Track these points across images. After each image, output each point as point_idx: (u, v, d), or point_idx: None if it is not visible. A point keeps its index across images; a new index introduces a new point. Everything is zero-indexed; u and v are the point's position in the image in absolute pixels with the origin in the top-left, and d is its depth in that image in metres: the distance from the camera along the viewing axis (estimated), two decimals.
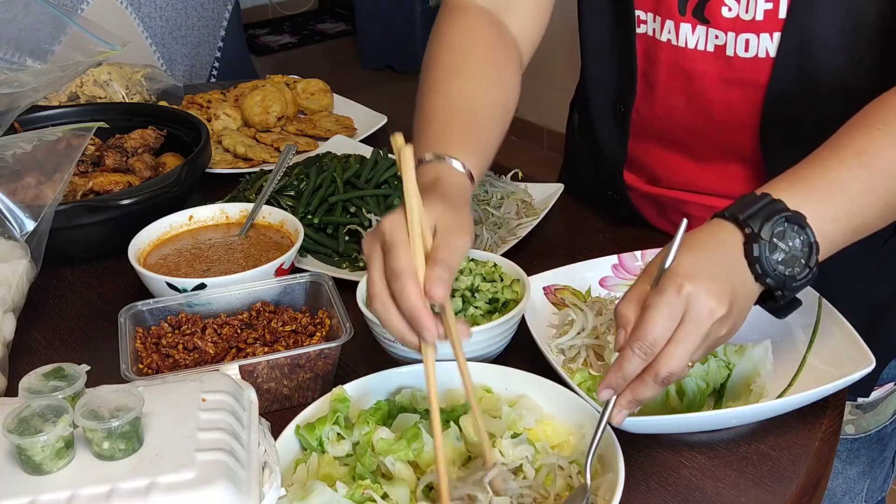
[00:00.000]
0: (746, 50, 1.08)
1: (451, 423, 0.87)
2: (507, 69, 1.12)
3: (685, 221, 0.83)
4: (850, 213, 0.88)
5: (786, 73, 1.07)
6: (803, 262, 0.85)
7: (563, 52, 3.82)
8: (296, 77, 1.83)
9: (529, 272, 1.07)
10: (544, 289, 1.11)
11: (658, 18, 1.12)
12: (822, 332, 1.00)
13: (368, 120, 1.70)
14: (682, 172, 1.23)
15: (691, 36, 1.10)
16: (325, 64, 5.54)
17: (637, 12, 1.14)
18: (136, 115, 1.55)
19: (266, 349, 1.00)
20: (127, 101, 1.72)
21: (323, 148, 1.55)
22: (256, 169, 1.49)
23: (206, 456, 0.72)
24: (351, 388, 0.92)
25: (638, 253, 1.14)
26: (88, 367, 0.79)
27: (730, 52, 1.09)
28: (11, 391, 1.02)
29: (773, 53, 1.07)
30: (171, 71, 2.02)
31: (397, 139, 0.83)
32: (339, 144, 1.55)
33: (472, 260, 1.08)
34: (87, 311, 1.20)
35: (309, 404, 0.91)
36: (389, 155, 1.41)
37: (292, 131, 1.67)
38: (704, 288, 0.79)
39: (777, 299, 0.86)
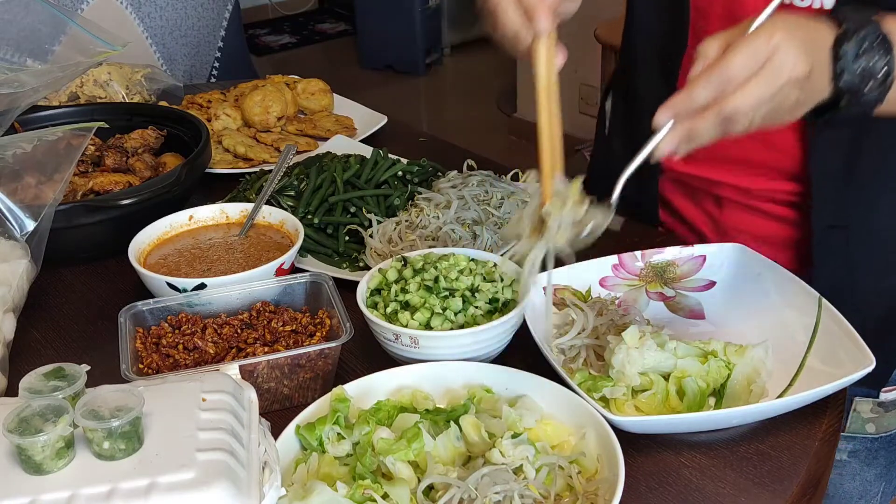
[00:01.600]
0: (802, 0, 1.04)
1: (452, 423, 0.87)
2: None
3: None
4: None
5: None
6: (876, 83, 0.86)
7: None
8: (296, 77, 1.83)
9: None
10: (544, 289, 1.11)
11: None
12: (822, 332, 1.00)
13: (368, 120, 1.70)
14: (720, 141, 1.21)
15: None
16: (325, 64, 5.54)
17: None
18: (136, 115, 1.55)
19: (266, 349, 1.00)
20: (127, 101, 1.72)
21: (323, 148, 1.55)
22: (256, 169, 1.49)
23: (206, 456, 0.72)
24: (351, 388, 0.92)
25: (638, 253, 1.14)
26: (88, 367, 0.79)
27: None
28: (11, 391, 1.02)
29: (828, 5, 1.02)
30: (171, 71, 2.02)
31: None
32: (339, 144, 1.55)
33: (473, 260, 1.08)
34: (87, 311, 1.20)
35: (309, 404, 0.91)
36: (390, 155, 1.41)
37: (292, 131, 1.67)
38: (795, 43, 0.80)
39: (838, 107, 0.87)
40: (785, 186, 1.16)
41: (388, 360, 1.02)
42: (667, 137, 0.82)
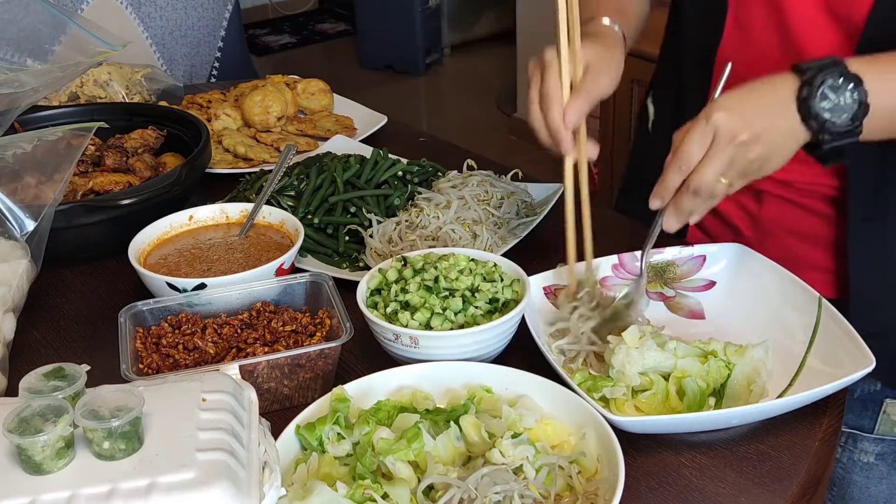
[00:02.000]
0: None
1: (451, 423, 0.87)
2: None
3: (729, 65, 1.02)
4: None
5: (885, 11, 1.04)
6: (849, 116, 0.94)
7: None
8: (296, 77, 1.83)
9: (529, 272, 1.07)
10: (544, 289, 1.11)
11: None
12: (822, 332, 1.00)
13: (368, 120, 1.70)
14: None
15: None
16: (325, 64, 5.54)
17: None
18: (136, 115, 1.55)
19: (266, 349, 1.00)
20: (127, 101, 1.72)
21: (323, 148, 1.55)
22: (256, 169, 1.49)
23: (206, 456, 0.72)
24: (351, 388, 0.92)
25: (638, 253, 1.14)
26: (88, 367, 0.79)
27: None
28: (11, 391, 1.02)
29: None
30: (171, 71, 2.02)
31: None
32: (339, 144, 1.55)
33: (473, 260, 1.08)
34: (87, 311, 1.20)
35: (309, 404, 0.91)
36: (390, 155, 1.41)
37: (292, 131, 1.67)
38: (728, 115, 0.93)
39: (820, 144, 0.95)
40: (826, 180, 1.16)
41: (388, 360, 1.02)
42: (666, 217, 0.99)
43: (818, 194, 1.17)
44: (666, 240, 1.21)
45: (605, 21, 1.11)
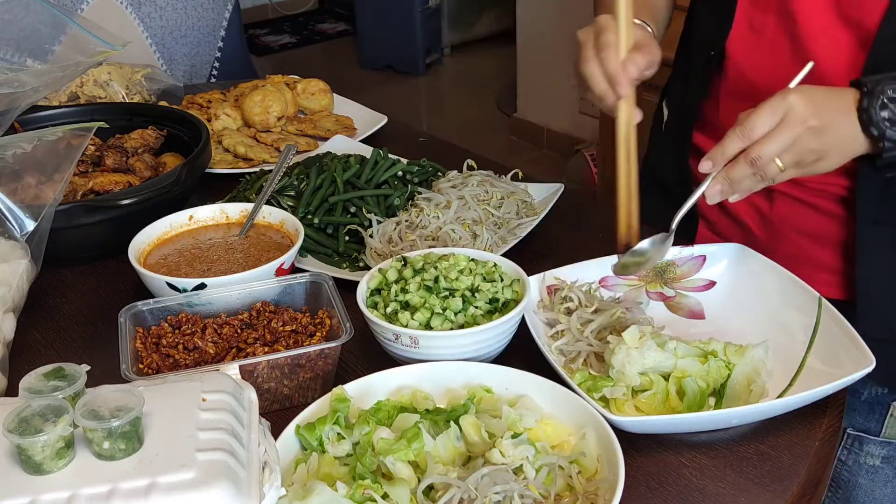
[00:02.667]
0: None
1: (451, 423, 0.87)
2: None
3: (810, 63, 1.00)
4: None
5: None
6: None
7: (564, 53, 3.82)
8: (296, 77, 1.83)
9: (529, 272, 1.07)
10: (547, 288, 1.11)
11: None
12: (822, 332, 1.00)
13: (368, 120, 1.70)
14: None
15: None
16: (325, 64, 5.54)
17: None
18: (136, 115, 1.55)
19: (266, 349, 1.00)
20: (127, 101, 1.72)
21: (323, 148, 1.55)
22: (256, 169, 1.49)
23: (206, 456, 0.72)
24: (351, 388, 0.92)
25: None
26: (88, 367, 0.79)
27: None
28: (11, 391, 1.02)
29: None
30: (171, 71, 2.02)
31: None
32: (339, 144, 1.55)
33: (473, 260, 1.08)
34: (87, 311, 1.20)
35: (309, 404, 0.91)
36: (390, 155, 1.41)
37: (292, 131, 1.67)
38: (805, 100, 0.95)
39: (881, 153, 0.97)
40: (837, 180, 1.16)
41: (388, 360, 1.02)
42: (712, 183, 0.98)
43: (829, 194, 1.17)
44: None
45: (637, 21, 1.11)
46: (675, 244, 1.15)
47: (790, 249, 1.18)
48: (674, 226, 1.03)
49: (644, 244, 1.04)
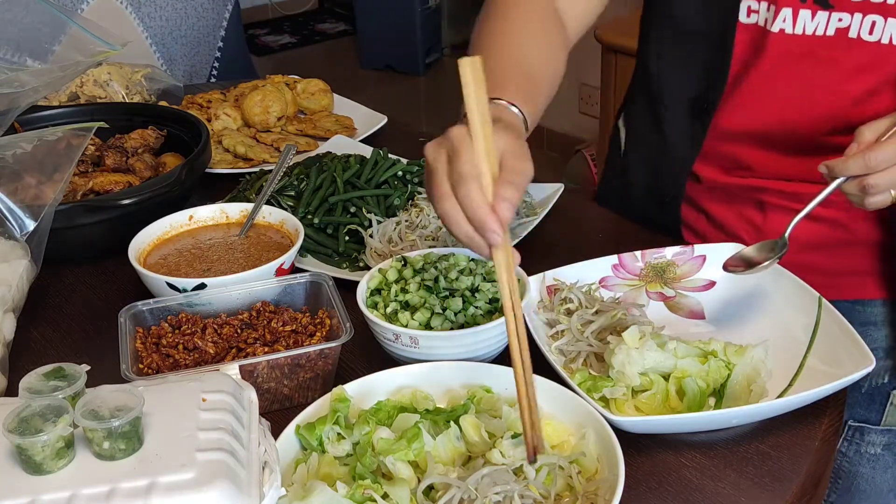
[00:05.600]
0: (871, 33, 1.07)
1: (451, 423, 0.87)
2: (556, 40, 1.15)
3: None
4: None
5: None
6: None
7: None
8: (296, 77, 1.83)
9: (529, 272, 1.07)
10: (547, 288, 1.11)
11: (772, 7, 1.10)
12: (822, 332, 1.00)
13: (368, 120, 1.70)
14: (769, 164, 1.21)
15: (810, 22, 1.08)
16: (325, 64, 5.54)
17: (747, 3, 1.12)
18: (136, 115, 1.55)
19: (266, 349, 1.00)
20: (127, 101, 1.72)
21: (323, 148, 1.55)
22: (256, 169, 1.49)
23: (206, 456, 0.72)
24: (351, 388, 0.92)
25: (638, 253, 1.14)
26: (88, 367, 0.79)
27: (853, 34, 1.07)
28: (11, 391, 1.02)
29: None
30: (171, 71, 2.02)
31: (463, 60, 0.83)
32: (339, 144, 1.55)
33: (472, 260, 1.08)
34: (87, 311, 1.20)
35: (309, 404, 0.91)
36: (390, 155, 1.41)
37: (292, 131, 1.67)
38: None
39: None
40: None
41: (388, 360, 1.02)
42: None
43: (825, 201, 1.18)
44: (664, 240, 1.22)
45: (512, 108, 0.98)
46: (673, 245, 1.16)
47: (784, 258, 1.19)
48: (788, 232, 1.04)
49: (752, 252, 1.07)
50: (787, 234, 1.05)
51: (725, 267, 1.07)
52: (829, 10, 1.07)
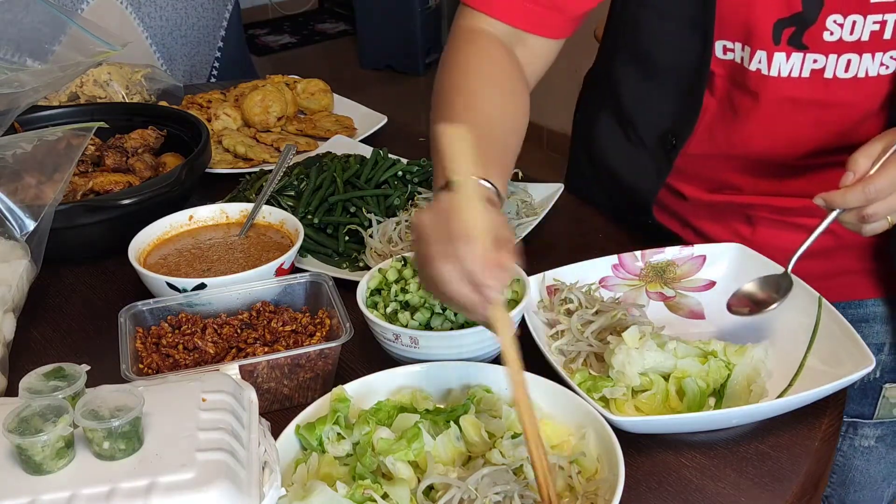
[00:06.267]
0: (847, 70, 1.08)
1: (451, 423, 0.87)
2: (520, 95, 1.12)
3: None
4: None
5: None
6: None
7: (563, 53, 3.82)
8: (296, 77, 1.83)
9: (529, 272, 1.07)
10: (546, 288, 1.11)
11: (747, 48, 1.10)
12: (822, 332, 1.00)
13: (368, 120, 1.70)
14: (753, 183, 1.22)
15: (785, 64, 1.09)
16: (325, 64, 5.54)
17: (722, 42, 1.11)
18: (136, 115, 1.55)
19: (266, 349, 1.00)
20: (127, 101, 1.72)
21: (323, 148, 1.55)
22: (256, 169, 1.49)
23: (206, 456, 0.72)
24: (351, 388, 0.92)
25: (638, 253, 1.14)
26: (88, 367, 0.79)
27: (828, 74, 1.08)
28: (11, 391, 1.02)
29: (872, 73, 1.07)
30: (171, 71, 2.02)
31: (450, 131, 0.85)
32: (339, 144, 1.55)
33: None
34: (87, 311, 1.20)
35: (309, 404, 0.91)
36: (390, 155, 1.41)
37: (292, 131, 1.67)
38: None
39: None
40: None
41: (388, 360, 1.02)
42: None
43: (810, 212, 1.18)
44: (665, 240, 1.22)
45: (486, 185, 0.92)
46: (673, 245, 1.16)
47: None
48: (790, 267, 1.04)
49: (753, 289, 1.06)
50: (790, 269, 1.05)
51: (729, 308, 1.05)
52: (804, 52, 1.07)
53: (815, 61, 1.08)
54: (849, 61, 1.07)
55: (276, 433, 0.85)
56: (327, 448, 0.86)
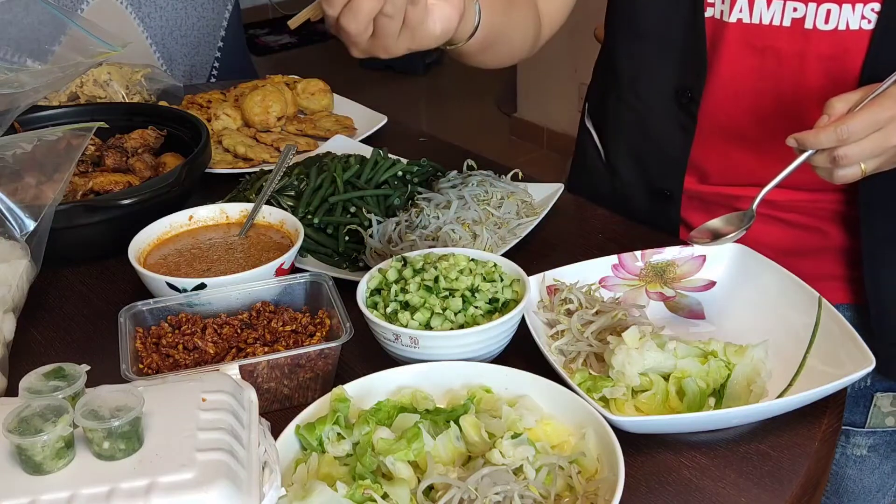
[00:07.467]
0: (826, 21, 1.08)
1: (451, 423, 0.87)
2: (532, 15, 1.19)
3: None
4: None
5: (884, 47, 1.07)
6: None
7: (563, 53, 3.82)
8: (296, 77, 1.83)
9: (529, 272, 1.07)
10: (547, 288, 1.11)
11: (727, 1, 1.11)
12: (822, 332, 1.00)
13: (368, 120, 1.70)
14: (739, 167, 1.22)
15: (766, 11, 1.10)
16: (325, 64, 5.53)
17: None
18: (136, 115, 1.55)
19: (266, 349, 1.00)
20: (127, 101, 1.72)
21: (323, 148, 1.55)
22: (256, 169, 1.49)
23: (206, 456, 0.72)
24: (351, 388, 0.92)
25: (638, 253, 1.14)
26: (88, 367, 0.79)
27: (808, 24, 1.08)
28: (11, 391, 1.02)
29: (853, 26, 1.07)
30: (171, 71, 2.02)
31: None
32: (339, 144, 1.55)
33: (473, 260, 1.08)
34: (87, 311, 1.20)
35: (309, 404, 0.91)
36: (390, 155, 1.41)
37: (292, 131, 1.67)
38: None
39: None
40: (804, 196, 1.17)
41: (388, 360, 1.02)
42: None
43: (798, 209, 1.19)
44: (665, 240, 1.22)
45: None
46: (673, 245, 1.16)
47: None
48: (755, 205, 1.06)
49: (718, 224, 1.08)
50: (754, 206, 1.06)
51: (690, 238, 1.08)
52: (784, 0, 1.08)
53: (794, 9, 1.08)
54: (829, 11, 1.07)
55: (276, 433, 0.85)
56: (327, 448, 0.86)
